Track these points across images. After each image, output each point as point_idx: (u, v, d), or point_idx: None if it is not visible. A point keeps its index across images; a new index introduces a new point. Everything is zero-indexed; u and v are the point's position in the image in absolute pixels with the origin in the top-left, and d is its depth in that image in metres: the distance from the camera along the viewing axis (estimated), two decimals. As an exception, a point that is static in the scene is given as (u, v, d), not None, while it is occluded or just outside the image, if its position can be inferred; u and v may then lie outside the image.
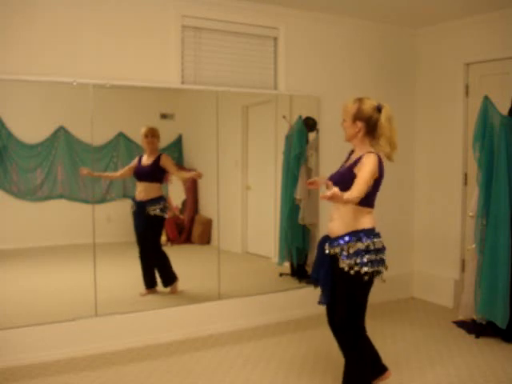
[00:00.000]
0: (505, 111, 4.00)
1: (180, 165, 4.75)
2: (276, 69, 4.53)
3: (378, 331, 4.14)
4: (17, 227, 4.24)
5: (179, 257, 4.61)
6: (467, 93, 4.79)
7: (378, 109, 2.75)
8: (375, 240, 2.73)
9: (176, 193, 4.85)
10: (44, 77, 3.56)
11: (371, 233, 2.74)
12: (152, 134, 4.34)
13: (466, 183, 4.82)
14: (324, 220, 4.75)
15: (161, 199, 4.39)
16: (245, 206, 5.06)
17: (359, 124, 2.75)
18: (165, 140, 4.59)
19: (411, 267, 5.20)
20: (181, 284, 4.43)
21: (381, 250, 2.76)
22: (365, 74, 4.94)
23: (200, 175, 4.35)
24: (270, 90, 4.55)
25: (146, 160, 4.37)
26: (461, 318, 4.34)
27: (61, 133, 4.24)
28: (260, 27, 4.40)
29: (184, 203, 4.93)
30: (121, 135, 4.48)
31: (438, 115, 5.02)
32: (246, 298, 4.37)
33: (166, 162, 4.38)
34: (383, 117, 2.72)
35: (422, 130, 5.21)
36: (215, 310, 4.23)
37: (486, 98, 3.99)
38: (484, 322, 4.05)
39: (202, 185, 4.90)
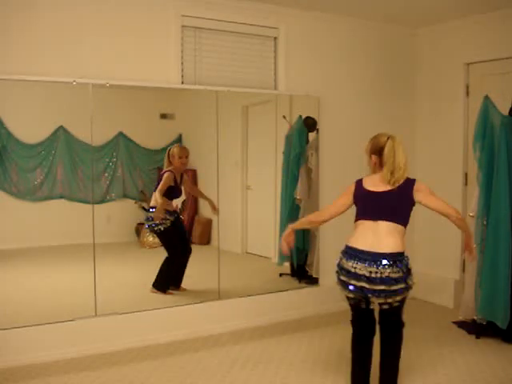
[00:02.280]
0: (505, 111, 3.99)
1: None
2: (276, 69, 4.53)
3: (378, 332, 4.13)
4: (17, 227, 4.24)
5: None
6: (467, 93, 4.78)
7: (387, 140, 2.87)
8: (343, 258, 2.87)
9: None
10: (44, 77, 3.55)
11: (345, 248, 2.90)
12: (187, 155, 4.40)
13: (466, 183, 4.81)
14: (324, 220, 4.75)
15: None
16: (245, 206, 5.06)
17: (373, 157, 2.92)
18: (165, 140, 4.59)
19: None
20: (181, 284, 4.44)
21: (344, 271, 2.85)
22: (365, 74, 4.94)
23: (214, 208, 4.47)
24: (270, 90, 4.54)
25: (179, 179, 4.42)
26: (461, 318, 4.33)
27: (60, 133, 4.24)
28: (260, 27, 4.40)
29: (184, 203, 4.93)
30: (120, 135, 4.48)
31: (439, 115, 5.02)
32: (245, 298, 4.37)
33: (187, 180, 4.60)
34: (387, 147, 2.84)
35: (422, 130, 5.20)
36: (215, 310, 4.23)
37: (487, 98, 3.99)
38: (484, 323, 4.04)
39: (202, 185, 4.90)
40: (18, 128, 4.13)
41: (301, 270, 4.83)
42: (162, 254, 4.39)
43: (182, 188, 4.52)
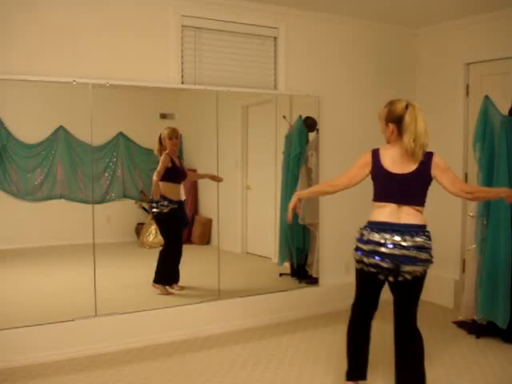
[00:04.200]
0: (505, 111, 3.99)
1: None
2: (276, 69, 4.53)
3: (378, 332, 4.13)
4: (17, 227, 4.24)
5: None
6: (467, 93, 4.78)
7: (407, 108, 2.80)
8: (368, 232, 2.83)
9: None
10: (44, 77, 3.55)
11: (368, 224, 2.87)
12: (177, 136, 4.38)
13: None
14: (324, 220, 4.75)
15: None
16: (245, 206, 5.06)
17: (391, 126, 2.85)
18: (165, 140, 4.57)
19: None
20: (181, 284, 4.43)
21: (370, 243, 2.80)
22: (365, 74, 4.94)
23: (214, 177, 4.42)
24: (270, 90, 4.54)
25: (177, 162, 4.39)
26: (461, 318, 4.33)
27: (60, 133, 4.23)
28: (260, 27, 4.40)
29: (184, 203, 4.92)
30: (120, 135, 4.48)
31: (439, 115, 5.01)
32: (245, 298, 4.37)
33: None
34: (408, 115, 2.77)
35: (422, 130, 5.19)
36: (215, 310, 4.23)
37: (487, 98, 3.99)
38: (484, 323, 4.04)
39: (202, 185, 4.90)
40: (17, 128, 4.13)
41: (301, 270, 4.83)
42: (161, 254, 4.40)
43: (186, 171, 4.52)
